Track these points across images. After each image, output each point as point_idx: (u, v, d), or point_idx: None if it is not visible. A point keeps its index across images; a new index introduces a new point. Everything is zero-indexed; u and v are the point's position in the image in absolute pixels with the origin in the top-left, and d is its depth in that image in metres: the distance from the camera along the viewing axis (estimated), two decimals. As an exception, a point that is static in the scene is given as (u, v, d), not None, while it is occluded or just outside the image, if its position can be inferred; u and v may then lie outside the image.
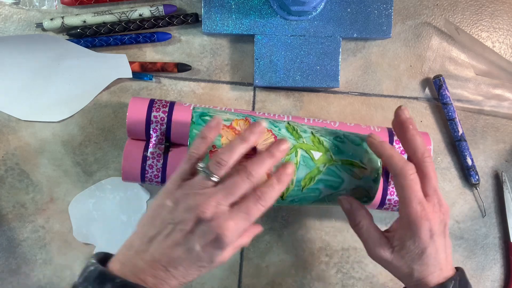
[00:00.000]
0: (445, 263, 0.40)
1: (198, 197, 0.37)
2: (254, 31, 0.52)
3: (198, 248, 0.36)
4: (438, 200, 0.40)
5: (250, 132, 0.39)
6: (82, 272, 0.37)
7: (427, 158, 0.40)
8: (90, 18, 0.53)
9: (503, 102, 0.56)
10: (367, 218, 0.42)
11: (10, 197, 0.54)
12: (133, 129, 0.49)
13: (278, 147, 0.39)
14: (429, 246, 0.39)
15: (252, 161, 0.38)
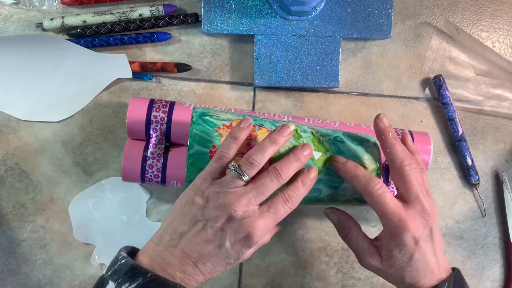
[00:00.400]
0: (436, 266, 0.40)
1: (229, 196, 0.37)
2: (254, 31, 0.52)
3: (228, 245, 0.37)
4: (421, 206, 0.40)
5: (279, 134, 0.40)
6: (111, 265, 0.38)
7: (406, 166, 0.40)
8: (90, 18, 0.53)
9: (503, 102, 0.56)
10: (355, 228, 0.44)
11: (10, 197, 0.54)
12: (133, 129, 0.49)
13: (304, 151, 0.40)
14: (416, 253, 0.39)
15: (280, 163, 0.39)
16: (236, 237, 0.37)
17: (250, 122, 0.41)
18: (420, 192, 0.40)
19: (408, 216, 0.39)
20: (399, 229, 0.39)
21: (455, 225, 0.56)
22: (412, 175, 0.40)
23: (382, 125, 0.42)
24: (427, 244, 0.40)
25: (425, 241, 0.40)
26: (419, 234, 0.39)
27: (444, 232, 0.56)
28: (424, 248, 0.40)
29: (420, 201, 0.40)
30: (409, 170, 0.40)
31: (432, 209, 0.41)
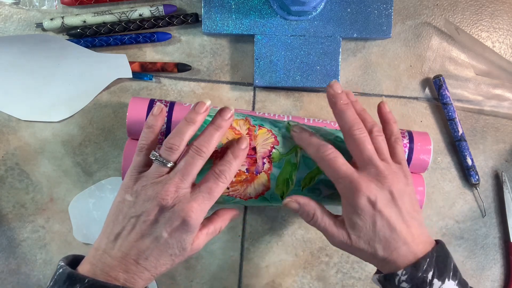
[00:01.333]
0: (409, 235, 0.37)
1: (156, 186, 0.37)
2: (254, 31, 0.52)
3: (165, 235, 0.36)
4: (375, 169, 0.38)
5: (195, 113, 0.39)
6: (52, 276, 0.37)
7: (355, 131, 0.39)
8: (90, 18, 0.53)
9: (503, 102, 0.56)
10: (318, 208, 0.41)
11: (10, 197, 0.54)
12: (133, 129, 0.49)
13: (223, 116, 0.40)
14: (377, 218, 0.37)
15: (199, 138, 0.39)
16: (172, 226, 0.36)
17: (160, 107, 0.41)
18: (374, 156, 0.39)
19: (361, 179, 0.38)
20: (352, 192, 0.38)
21: (455, 225, 0.56)
22: (362, 139, 0.39)
23: (332, 91, 0.41)
24: (389, 209, 0.37)
25: (386, 206, 0.37)
26: (374, 196, 0.37)
27: (444, 232, 0.56)
28: (387, 213, 0.37)
29: (374, 164, 0.38)
30: (359, 134, 0.39)
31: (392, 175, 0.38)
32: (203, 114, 0.39)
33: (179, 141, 0.38)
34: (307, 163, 0.42)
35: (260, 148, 0.42)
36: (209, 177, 0.39)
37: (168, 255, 0.37)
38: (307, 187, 0.43)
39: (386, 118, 0.43)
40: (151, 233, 0.37)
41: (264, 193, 0.43)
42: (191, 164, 0.38)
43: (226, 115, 0.40)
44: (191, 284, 0.54)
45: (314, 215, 0.41)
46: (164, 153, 0.38)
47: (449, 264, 0.38)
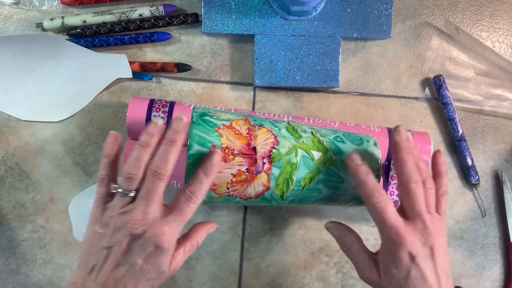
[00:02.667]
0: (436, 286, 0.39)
1: (123, 216, 0.37)
2: (254, 31, 0.52)
3: (140, 261, 0.36)
4: (423, 224, 0.39)
5: (149, 135, 0.39)
6: None
7: (412, 184, 0.40)
8: (90, 18, 0.53)
9: (503, 102, 0.56)
10: (356, 242, 0.43)
11: (10, 197, 0.54)
12: (133, 129, 0.49)
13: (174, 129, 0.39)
14: (412, 270, 0.38)
15: (155, 160, 0.38)
16: (146, 252, 0.36)
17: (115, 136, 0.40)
18: (424, 210, 0.39)
19: (406, 232, 0.39)
20: (395, 243, 0.39)
21: (455, 225, 0.56)
22: (417, 194, 0.39)
23: (398, 138, 0.41)
24: (426, 263, 0.39)
25: (424, 260, 0.39)
26: (416, 251, 0.38)
27: (444, 232, 0.56)
28: (423, 266, 0.39)
29: (423, 219, 0.39)
30: (415, 188, 0.39)
31: (436, 229, 0.39)
32: (157, 135, 0.39)
33: (136, 169, 0.38)
34: (307, 163, 0.42)
35: (260, 148, 0.42)
36: (179, 199, 0.38)
37: (146, 280, 0.37)
38: (307, 187, 0.43)
39: (439, 170, 0.43)
40: (125, 261, 0.36)
41: (264, 193, 0.43)
42: (152, 190, 0.37)
43: (177, 126, 0.39)
44: (191, 284, 0.54)
45: (351, 247, 0.43)
46: (124, 184, 0.38)
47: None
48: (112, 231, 0.37)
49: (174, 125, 0.39)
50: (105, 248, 0.37)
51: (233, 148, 0.41)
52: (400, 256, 0.38)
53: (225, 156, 0.41)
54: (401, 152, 0.41)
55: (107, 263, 0.37)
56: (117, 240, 0.37)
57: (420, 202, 0.40)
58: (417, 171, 0.40)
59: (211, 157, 0.39)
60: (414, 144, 0.42)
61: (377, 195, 0.39)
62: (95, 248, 0.37)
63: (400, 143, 0.41)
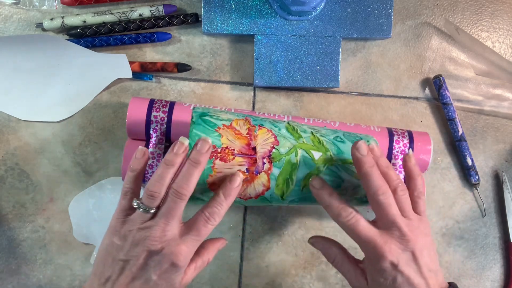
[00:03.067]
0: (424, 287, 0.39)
1: (142, 232, 0.38)
2: (254, 31, 0.52)
3: (155, 277, 0.37)
4: (399, 232, 0.39)
5: (174, 155, 0.39)
6: None
7: (380, 196, 0.39)
8: (90, 18, 0.53)
9: (503, 102, 0.56)
10: (340, 253, 0.44)
11: (10, 197, 0.54)
12: (133, 129, 0.49)
13: (200, 151, 0.39)
14: (398, 277, 0.39)
15: (178, 179, 0.39)
16: (161, 268, 0.37)
17: (144, 151, 0.41)
18: (398, 217, 0.39)
19: (383, 242, 0.39)
20: (375, 256, 0.39)
21: (455, 225, 0.56)
22: (387, 204, 0.39)
23: (358, 155, 0.41)
24: (409, 268, 0.39)
25: (407, 265, 0.39)
26: (397, 259, 0.39)
27: (444, 232, 0.56)
28: (407, 271, 0.39)
29: (398, 226, 0.39)
30: (383, 200, 0.39)
31: (415, 232, 0.40)
32: (182, 155, 0.39)
33: (159, 187, 0.38)
34: (307, 163, 0.42)
35: (260, 148, 0.42)
36: (198, 219, 0.39)
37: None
38: (307, 187, 0.43)
39: (411, 173, 0.43)
40: (141, 276, 0.37)
41: (264, 193, 0.43)
42: (173, 208, 0.38)
43: (203, 148, 0.39)
44: (191, 284, 0.54)
45: (335, 259, 0.44)
46: (146, 200, 0.38)
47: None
48: (131, 244, 0.38)
49: (199, 146, 0.39)
50: (122, 260, 0.38)
51: (233, 148, 0.41)
52: (382, 266, 0.39)
53: (225, 156, 0.41)
54: (363, 167, 0.40)
55: (122, 276, 0.37)
56: (135, 254, 0.37)
57: (391, 211, 0.39)
58: (382, 182, 0.40)
59: (232, 179, 0.40)
60: (380, 153, 0.42)
61: (344, 214, 0.40)
62: (112, 259, 0.38)
63: (361, 159, 0.40)
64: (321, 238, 0.46)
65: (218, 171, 0.41)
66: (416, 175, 0.43)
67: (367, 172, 0.40)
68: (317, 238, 0.46)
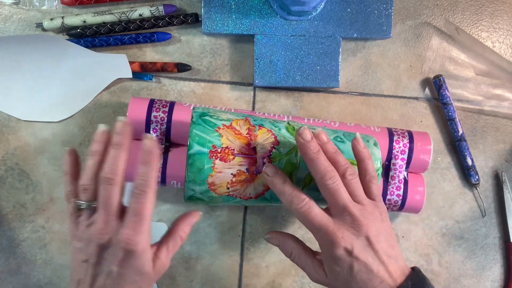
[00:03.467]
0: (385, 273, 0.38)
1: (89, 228, 0.38)
2: (254, 31, 0.52)
3: (115, 268, 0.37)
4: (350, 217, 0.38)
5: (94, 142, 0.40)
6: None
7: (327, 181, 0.38)
8: (90, 18, 0.53)
9: (503, 102, 0.56)
10: (296, 247, 0.43)
11: (10, 197, 0.54)
12: (133, 129, 0.49)
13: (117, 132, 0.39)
14: (354, 264, 0.38)
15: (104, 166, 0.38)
16: (118, 258, 0.37)
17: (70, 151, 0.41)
18: (348, 202, 0.39)
19: (336, 229, 0.38)
20: (328, 243, 0.38)
21: (455, 225, 0.56)
22: (334, 189, 0.38)
23: (301, 140, 0.40)
24: (366, 254, 0.38)
25: (363, 251, 0.38)
26: (350, 245, 0.38)
27: (444, 232, 0.56)
28: (363, 257, 0.38)
29: (349, 211, 0.38)
30: (331, 184, 0.38)
31: (368, 217, 0.39)
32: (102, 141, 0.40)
33: (87, 179, 0.39)
34: (301, 164, 0.42)
35: (260, 148, 0.42)
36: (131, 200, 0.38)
37: (130, 284, 0.37)
38: (307, 187, 0.43)
39: (360, 156, 0.42)
40: (101, 271, 0.37)
41: (264, 193, 0.43)
42: (107, 197, 0.38)
43: (120, 129, 0.39)
44: (191, 284, 0.54)
45: (292, 254, 0.43)
46: (82, 196, 0.39)
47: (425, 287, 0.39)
48: (86, 244, 0.38)
49: (117, 128, 0.39)
50: (84, 261, 0.38)
51: (233, 148, 0.41)
52: (337, 254, 0.38)
53: (225, 156, 0.41)
54: (308, 152, 0.39)
55: (87, 276, 0.37)
56: (90, 252, 0.37)
57: (340, 196, 0.39)
58: (329, 167, 0.39)
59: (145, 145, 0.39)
60: (326, 139, 0.41)
61: (296, 201, 0.39)
62: (77, 262, 0.38)
63: (304, 144, 0.40)
64: (277, 233, 0.45)
65: (218, 171, 0.41)
66: (366, 158, 0.42)
67: (312, 158, 0.39)
68: (273, 233, 0.45)
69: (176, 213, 0.54)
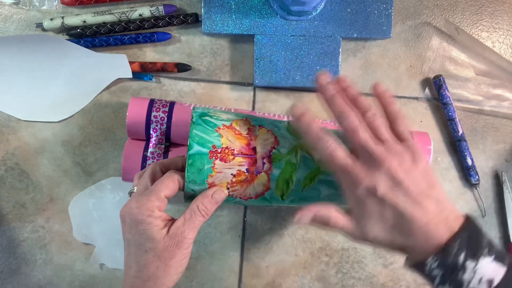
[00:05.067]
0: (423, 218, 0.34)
1: None
2: (254, 31, 0.52)
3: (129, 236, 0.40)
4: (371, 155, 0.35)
5: None
6: None
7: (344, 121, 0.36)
8: (90, 18, 0.53)
9: (503, 102, 0.56)
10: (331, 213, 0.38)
11: (10, 197, 0.54)
12: (133, 129, 0.49)
13: None
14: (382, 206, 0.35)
15: None
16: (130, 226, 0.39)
17: None
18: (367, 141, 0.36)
19: (356, 168, 0.35)
20: (350, 184, 0.36)
21: (455, 225, 0.56)
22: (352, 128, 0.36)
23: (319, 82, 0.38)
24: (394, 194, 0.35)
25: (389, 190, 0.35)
26: (372, 184, 0.35)
27: (444, 232, 0.56)
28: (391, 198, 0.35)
29: (369, 150, 0.35)
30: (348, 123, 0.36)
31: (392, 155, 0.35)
32: None
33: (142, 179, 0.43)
34: (307, 164, 0.42)
35: (260, 148, 0.42)
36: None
37: (143, 251, 0.39)
38: (307, 187, 0.43)
39: (383, 99, 0.40)
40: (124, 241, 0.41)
41: (264, 193, 0.43)
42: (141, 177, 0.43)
43: None
44: (191, 284, 0.54)
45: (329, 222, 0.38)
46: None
47: (481, 241, 0.34)
48: None
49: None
50: None
51: (233, 148, 0.41)
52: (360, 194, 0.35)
53: (225, 156, 0.41)
54: (326, 94, 0.38)
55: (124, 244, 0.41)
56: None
57: (360, 136, 0.36)
58: (346, 108, 0.37)
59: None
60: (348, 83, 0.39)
61: (322, 141, 0.37)
62: None
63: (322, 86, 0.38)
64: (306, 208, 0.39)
65: (218, 171, 0.41)
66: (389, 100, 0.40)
67: (329, 99, 0.38)
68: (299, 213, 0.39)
69: (176, 213, 0.54)
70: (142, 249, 0.39)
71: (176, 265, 0.39)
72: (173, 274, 0.40)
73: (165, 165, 0.43)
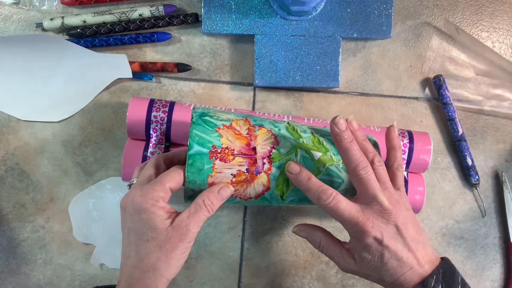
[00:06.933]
0: (413, 261, 0.39)
1: None
2: (254, 31, 0.52)
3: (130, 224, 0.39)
4: (380, 206, 0.39)
5: None
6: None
7: (360, 171, 0.39)
8: (90, 18, 0.53)
9: (503, 102, 0.56)
10: (324, 237, 0.44)
11: (10, 197, 0.54)
12: (133, 129, 0.49)
13: None
14: (385, 252, 0.39)
15: None
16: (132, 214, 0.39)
17: None
18: (378, 191, 0.39)
19: (366, 219, 0.39)
20: (359, 233, 0.39)
21: (455, 225, 0.56)
22: (367, 179, 0.39)
23: (336, 130, 0.41)
24: (395, 242, 0.39)
25: (392, 239, 0.39)
26: (380, 234, 0.39)
27: (444, 232, 0.56)
28: (393, 246, 0.39)
29: (379, 201, 0.39)
30: (364, 174, 0.39)
31: (396, 205, 0.40)
32: None
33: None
34: (307, 163, 0.42)
35: (260, 148, 0.42)
36: None
37: (145, 241, 0.39)
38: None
39: (393, 144, 0.44)
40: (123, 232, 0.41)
41: (264, 193, 0.43)
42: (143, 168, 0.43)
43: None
44: (191, 284, 0.54)
45: (320, 244, 0.44)
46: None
47: (456, 278, 0.40)
48: None
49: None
50: None
51: (233, 148, 0.41)
52: (367, 243, 0.39)
53: (225, 156, 0.41)
54: (342, 142, 0.40)
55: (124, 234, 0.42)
56: None
57: (371, 185, 0.39)
58: (362, 157, 0.40)
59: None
60: (357, 126, 0.42)
61: (324, 196, 0.39)
62: None
63: (340, 134, 0.40)
64: (304, 225, 0.45)
65: (218, 171, 0.41)
66: (397, 147, 0.43)
67: (346, 147, 0.40)
68: (301, 226, 0.45)
69: (176, 213, 0.54)
70: (144, 238, 0.39)
71: (177, 258, 0.39)
72: (173, 267, 0.39)
73: (168, 157, 0.43)
